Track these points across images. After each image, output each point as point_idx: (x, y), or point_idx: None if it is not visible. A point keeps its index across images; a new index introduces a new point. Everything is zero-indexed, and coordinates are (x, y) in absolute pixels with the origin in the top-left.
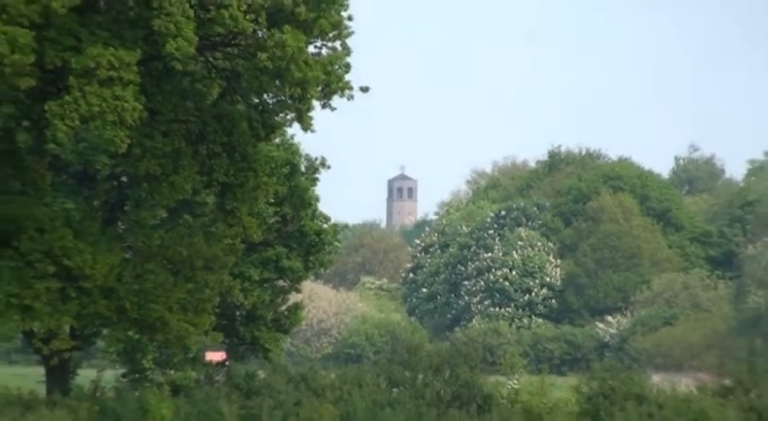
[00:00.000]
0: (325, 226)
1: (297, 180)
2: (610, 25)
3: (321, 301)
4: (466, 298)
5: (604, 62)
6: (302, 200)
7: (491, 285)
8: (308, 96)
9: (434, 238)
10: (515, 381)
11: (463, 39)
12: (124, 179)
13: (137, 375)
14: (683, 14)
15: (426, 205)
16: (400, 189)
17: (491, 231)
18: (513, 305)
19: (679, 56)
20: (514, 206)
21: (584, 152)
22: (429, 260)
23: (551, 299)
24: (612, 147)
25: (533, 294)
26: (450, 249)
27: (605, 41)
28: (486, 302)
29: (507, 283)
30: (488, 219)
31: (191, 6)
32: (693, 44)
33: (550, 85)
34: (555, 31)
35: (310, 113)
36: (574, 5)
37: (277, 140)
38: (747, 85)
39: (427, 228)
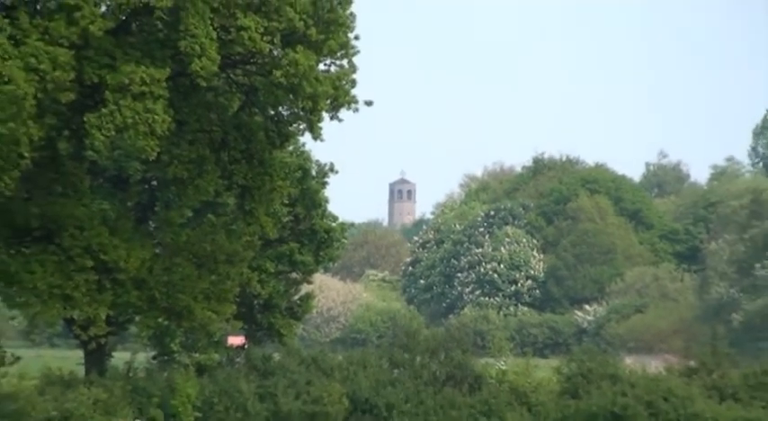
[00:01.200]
0: (333, 224)
1: (308, 183)
2: (584, 43)
3: (330, 292)
4: (459, 288)
5: (582, 75)
6: (313, 201)
7: (481, 277)
8: (318, 109)
9: (431, 236)
10: (503, 363)
11: (451, 57)
12: (154, 183)
13: (165, 357)
14: (653, 32)
15: (424, 206)
16: (400, 191)
17: (481, 229)
18: (500, 295)
19: (650, 68)
20: (502, 207)
21: (564, 158)
22: (426, 255)
23: (535, 289)
24: (590, 154)
25: (519, 285)
26: (445, 245)
27: (582, 57)
28: (476, 292)
29: (496, 275)
30: (479, 219)
31: (213, 29)
32: (661, 57)
33: (534, 97)
34: (535, 47)
35: (320, 124)
36: (552, 24)
37: (290, 148)
38: (712, 95)
39: (424, 227)
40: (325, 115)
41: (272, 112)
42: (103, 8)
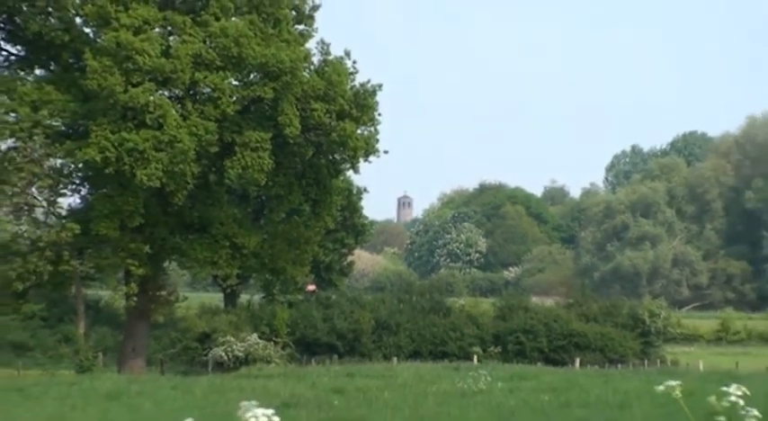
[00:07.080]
0: (365, 222)
1: (351, 198)
2: (505, 90)
3: (363, 260)
4: (437, 258)
5: (506, 124)
6: (354, 208)
7: (450, 252)
8: (357, 156)
9: (421, 228)
10: (462, 301)
11: (427, 111)
12: (264, 197)
13: (270, 297)
14: (548, 87)
15: (417, 211)
16: (404, 203)
17: (450, 224)
18: (461, 262)
19: (540, 117)
20: (462, 211)
21: (497, 183)
22: (418, 239)
23: (481, 259)
24: (512, 179)
25: (471, 256)
26: (429, 233)
27: (507, 106)
28: (447, 260)
29: (458, 251)
30: (449, 218)
31: (297, 110)
32: (549, 105)
33: (481, 142)
34: (478, 100)
35: (358, 165)
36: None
37: (341, 178)
38: (583, 138)
39: (417, 223)
40: (361, 159)
41: (331, 158)
42: (234, 98)
